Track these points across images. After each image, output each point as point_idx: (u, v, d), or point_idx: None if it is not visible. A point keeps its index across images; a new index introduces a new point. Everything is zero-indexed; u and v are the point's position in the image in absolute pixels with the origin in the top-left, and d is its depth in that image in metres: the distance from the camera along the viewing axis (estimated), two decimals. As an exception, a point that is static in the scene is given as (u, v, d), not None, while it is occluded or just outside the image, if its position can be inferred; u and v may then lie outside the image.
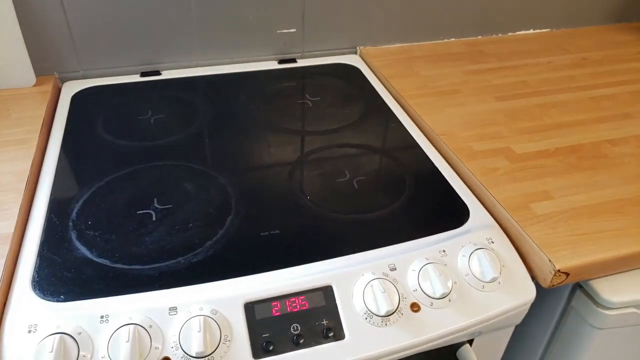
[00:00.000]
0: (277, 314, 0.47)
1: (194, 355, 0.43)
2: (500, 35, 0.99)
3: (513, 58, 0.91)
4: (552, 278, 0.52)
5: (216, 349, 0.44)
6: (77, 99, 0.77)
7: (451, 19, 0.94)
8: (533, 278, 0.54)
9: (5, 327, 0.44)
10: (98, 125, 0.71)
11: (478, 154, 0.66)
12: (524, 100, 0.78)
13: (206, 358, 0.43)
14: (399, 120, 0.74)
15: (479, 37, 0.98)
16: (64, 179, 0.61)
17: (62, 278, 0.49)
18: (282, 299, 0.48)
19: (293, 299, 0.48)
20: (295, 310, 0.47)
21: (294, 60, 0.89)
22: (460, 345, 0.55)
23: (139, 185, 0.61)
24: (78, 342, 0.43)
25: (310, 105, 0.78)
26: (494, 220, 0.57)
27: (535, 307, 0.61)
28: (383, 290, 0.47)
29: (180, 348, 0.44)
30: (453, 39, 0.97)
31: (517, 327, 0.58)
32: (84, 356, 0.43)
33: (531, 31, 1.01)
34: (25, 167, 0.61)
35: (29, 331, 0.44)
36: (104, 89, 0.80)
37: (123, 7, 0.78)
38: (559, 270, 0.52)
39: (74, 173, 0.63)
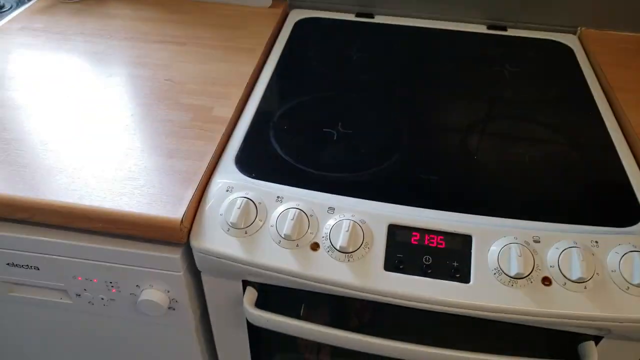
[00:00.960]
0: (415, 242, 0.53)
1: (337, 248, 0.51)
2: None
3: None
4: None
5: (356, 250, 0.51)
6: (298, 24, 0.89)
7: (702, 14, 0.82)
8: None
9: (213, 182, 0.58)
10: (310, 51, 0.82)
11: (677, 163, 0.60)
12: None
13: (349, 254, 0.51)
14: (599, 110, 0.70)
15: None
16: (274, 87, 0.73)
17: (257, 162, 0.61)
18: (423, 232, 0.53)
19: (432, 236, 0.53)
20: (432, 245, 0.52)
21: (504, 28, 0.88)
22: (584, 339, 0.54)
23: (331, 108, 0.70)
24: (258, 208, 0.54)
25: (508, 75, 0.78)
26: (667, 232, 0.53)
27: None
28: (519, 255, 0.49)
29: (329, 239, 0.52)
30: (698, 37, 0.85)
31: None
32: (259, 220, 0.54)
33: None
34: (249, 70, 0.74)
35: (227, 190, 0.56)
36: (322, 21, 0.90)
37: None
38: None
39: (283, 85, 0.74)
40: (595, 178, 0.60)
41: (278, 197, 0.56)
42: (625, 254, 0.50)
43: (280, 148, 0.63)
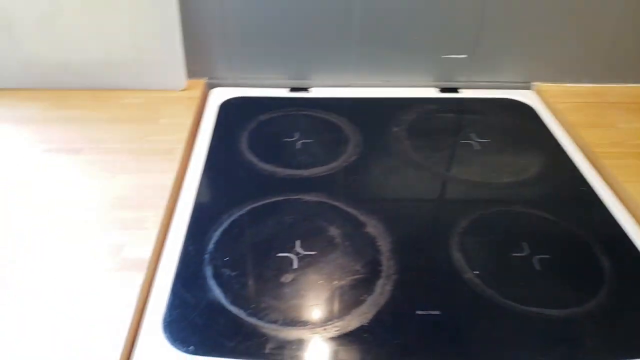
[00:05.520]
0: None
1: None
2: None
3: None
4: None
5: None
6: (224, 108, 0.74)
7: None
8: None
9: (131, 375, 0.40)
10: (242, 142, 0.66)
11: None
12: None
13: None
14: (590, 185, 0.60)
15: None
16: (205, 200, 0.57)
17: (193, 324, 0.43)
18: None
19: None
20: None
21: (455, 90, 0.79)
22: None
23: (280, 221, 0.54)
24: (204, 417, 0.37)
25: (477, 148, 0.67)
26: None
27: None
28: None
29: None
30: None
31: None
32: None
33: None
34: (168, 182, 0.57)
35: (154, 388, 0.38)
36: (251, 101, 0.76)
37: (280, 17, 0.73)
38: None
39: (215, 195, 0.58)
40: (622, 281, 0.48)
41: (233, 389, 0.38)
42: None
43: (224, 294, 0.46)
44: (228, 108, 0.74)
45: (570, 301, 0.46)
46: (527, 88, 0.80)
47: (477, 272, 0.49)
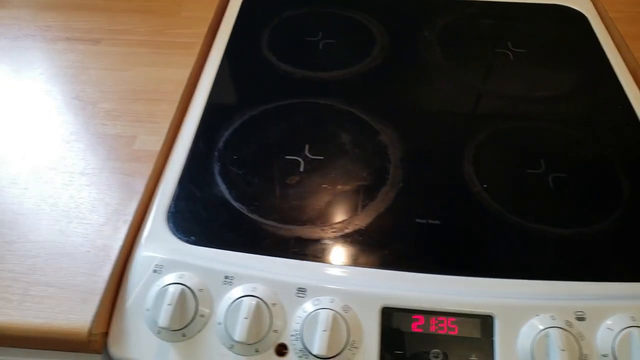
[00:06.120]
0: (418, 330, 0.39)
1: (313, 353, 0.37)
2: None
3: None
4: None
5: (339, 354, 0.37)
6: (247, 3, 0.70)
7: None
8: None
9: (136, 258, 0.42)
10: (263, 41, 0.64)
11: None
12: None
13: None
14: (631, 104, 0.55)
15: None
16: (219, 98, 0.56)
17: (196, 216, 0.45)
18: (427, 315, 0.39)
19: (441, 319, 0.39)
20: (441, 332, 0.38)
21: (499, -7, 0.72)
22: None
23: (292, 124, 0.54)
24: (198, 299, 0.39)
25: (511, 57, 0.62)
26: None
27: None
28: (562, 348, 0.36)
29: (300, 340, 0.38)
30: None
31: None
32: (201, 317, 0.39)
33: None
34: (183, 76, 0.57)
35: (155, 270, 0.41)
36: (276, -3, 0.72)
37: None
38: None
39: (229, 93, 0.58)
40: (640, 205, 0.46)
41: (227, 277, 0.40)
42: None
43: (229, 190, 0.47)
44: (251, 3, 0.70)
45: (579, 221, 0.45)
46: (584, -7, 0.72)
47: (486, 186, 0.47)
